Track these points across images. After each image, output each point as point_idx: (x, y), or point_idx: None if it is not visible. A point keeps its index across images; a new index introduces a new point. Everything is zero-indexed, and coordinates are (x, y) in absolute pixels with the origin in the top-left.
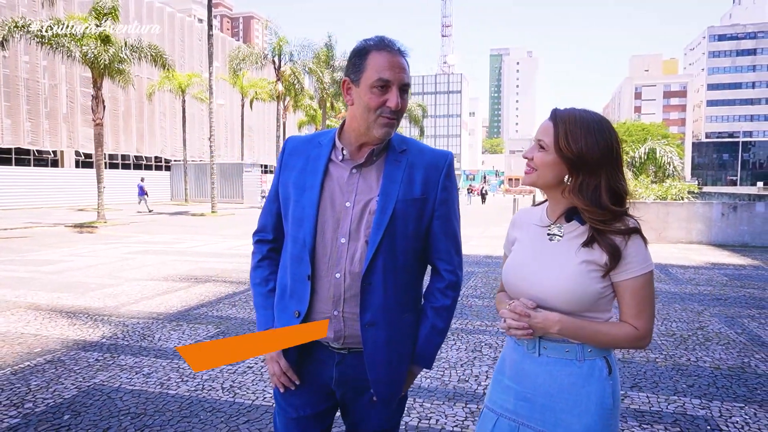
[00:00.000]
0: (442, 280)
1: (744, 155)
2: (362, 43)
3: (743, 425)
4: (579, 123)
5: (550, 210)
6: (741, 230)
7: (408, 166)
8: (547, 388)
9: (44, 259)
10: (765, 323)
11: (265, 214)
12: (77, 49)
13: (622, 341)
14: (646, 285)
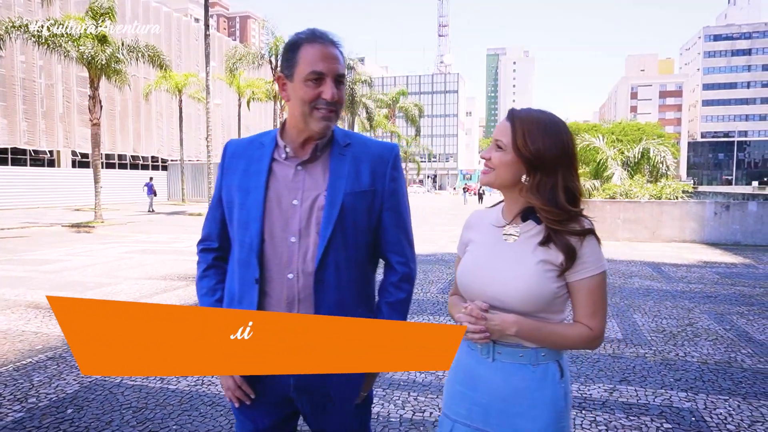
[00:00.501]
0: (396, 273)
1: (739, 155)
2: (294, 36)
3: (726, 416)
4: (536, 123)
5: (506, 210)
6: (733, 229)
7: (353, 159)
8: (502, 393)
9: (42, 258)
10: (753, 320)
11: (208, 221)
12: (74, 49)
13: (577, 341)
14: (600, 285)
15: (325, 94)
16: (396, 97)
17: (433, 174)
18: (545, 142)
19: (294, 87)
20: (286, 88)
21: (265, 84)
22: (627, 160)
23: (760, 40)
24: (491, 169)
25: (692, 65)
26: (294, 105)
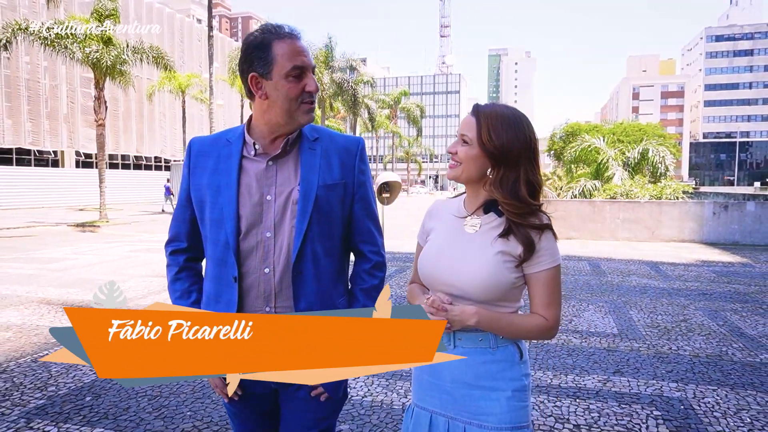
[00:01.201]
0: (368, 261)
1: (741, 155)
2: (258, 35)
3: (714, 405)
4: (500, 118)
5: (468, 202)
6: (732, 229)
7: (323, 153)
8: (464, 378)
9: (49, 257)
10: (746, 316)
11: (176, 221)
12: (80, 50)
13: (534, 331)
14: (554, 277)
15: (309, 87)
16: (398, 98)
17: (435, 174)
18: (509, 137)
19: (274, 84)
20: (263, 87)
21: None
22: (627, 160)
23: (762, 40)
24: (458, 164)
25: (694, 66)
26: (275, 102)
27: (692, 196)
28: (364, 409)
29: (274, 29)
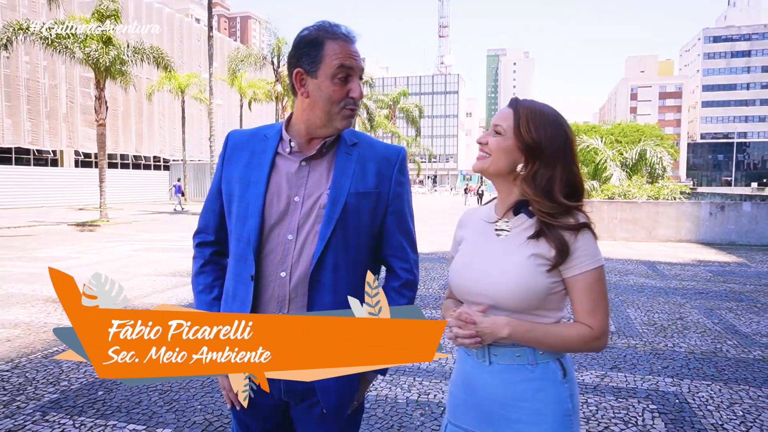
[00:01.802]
0: (398, 279)
1: (738, 156)
2: (312, 31)
3: (708, 399)
4: (540, 113)
5: (499, 205)
6: (728, 229)
7: (360, 159)
8: (501, 398)
9: (52, 255)
10: (741, 314)
11: (205, 213)
12: (80, 50)
13: (576, 341)
14: (597, 280)
15: (353, 92)
16: (397, 98)
17: (434, 174)
18: (547, 132)
19: (318, 84)
20: (306, 84)
21: (266, 84)
22: (625, 161)
23: (760, 41)
24: (487, 155)
25: (692, 66)
26: (316, 102)
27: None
28: (369, 403)
29: (330, 28)
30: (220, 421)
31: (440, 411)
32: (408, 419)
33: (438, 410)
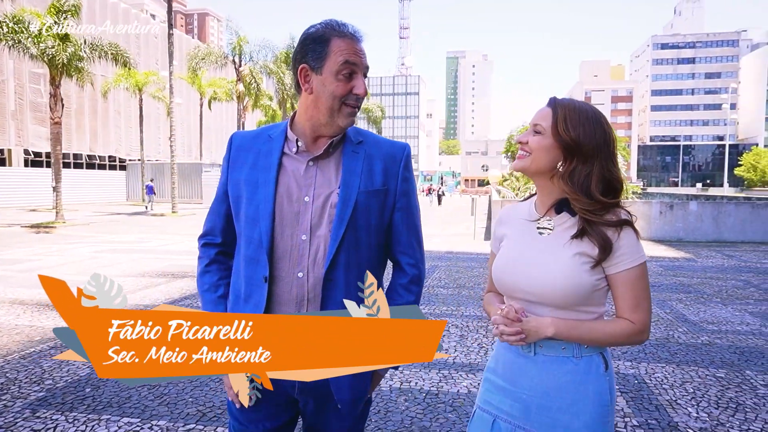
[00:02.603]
0: (405, 275)
1: (685, 158)
2: (319, 28)
3: (663, 379)
4: (578, 111)
5: (539, 203)
6: (677, 227)
7: (366, 158)
8: (544, 388)
9: (9, 258)
10: (690, 305)
11: (212, 215)
12: (35, 46)
13: (620, 337)
14: (640, 277)
15: (357, 89)
16: None
17: None
18: (585, 129)
19: (323, 80)
20: (311, 80)
21: (227, 84)
22: None
23: (703, 49)
24: (527, 154)
25: (642, 72)
26: (319, 99)
27: (641, 197)
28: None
29: (337, 26)
30: (213, 412)
31: (422, 397)
32: (393, 404)
33: (420, 396)
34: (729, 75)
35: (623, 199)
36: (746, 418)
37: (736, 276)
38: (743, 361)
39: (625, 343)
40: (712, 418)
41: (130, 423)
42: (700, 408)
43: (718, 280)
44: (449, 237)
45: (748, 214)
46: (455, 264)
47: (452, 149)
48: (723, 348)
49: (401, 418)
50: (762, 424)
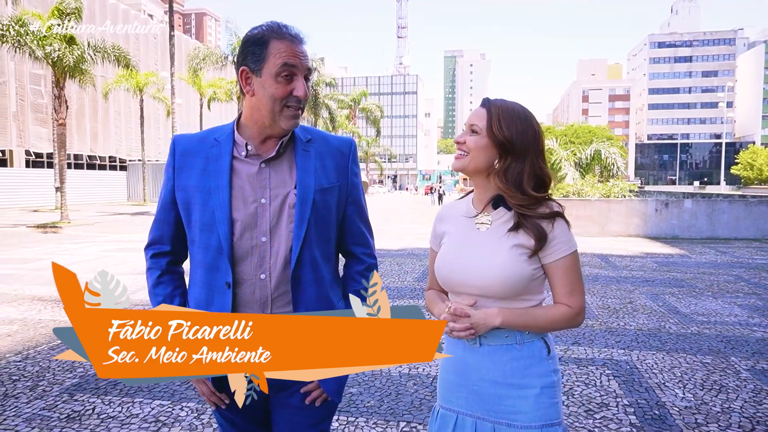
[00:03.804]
0: (362, 263)
1: (682, 156)
2: (259, 30)
3: (653, 364)
4: (510, 110)
5: (477, 200)
6: (672, 224)
7: (318, 155)
8: (492, 377)
9: (20, 257)
10: (682, 298)
11: (158, 224)
12: (40, 49)
13: (560, 321)
14: (573, 264)
15: (297, 91)
16: (357, 98)
17: (394, 174)
18: (518, 128)
19: (262, 82)
20: (251, 83)
21: (226, 84)
22: (579, 161)
23: (700, 48)
24: (465, 153)
25: (639, 70)
26: (261, 101)
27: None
28: (366, 376)
29: (278, 28)
30: None
31: (429, 381)
32: (403, 388)
33: (428, 380)
34: (726, 73)
35: (623, 197)
36: (728, 398)
37: (728, 271)
38: (729, 349)
39: (565, 326)
40: (696, 398)
41: (161, 405)
42: (686, 389)
43: (711, 275)
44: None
45: (742, 211)
46: None
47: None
48: (711, 337)
49: (411, 399)
50: (742, 403)
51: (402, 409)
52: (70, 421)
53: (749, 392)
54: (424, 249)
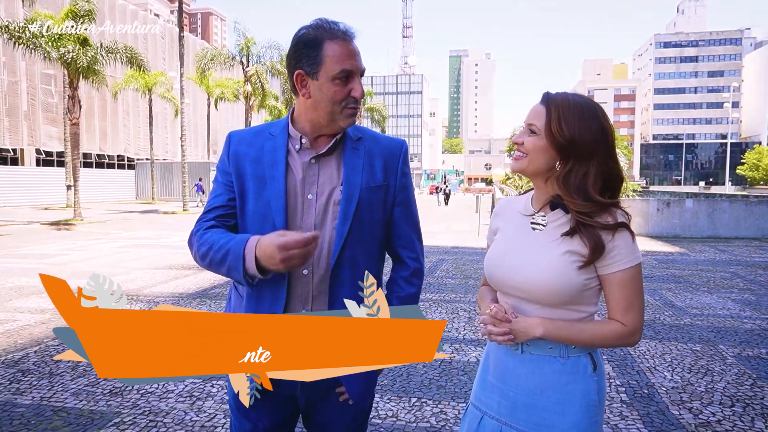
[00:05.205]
0: (407, 268)
1: (688, 156)
2: (311, 31)
3: (645, 351)
4: (572, 107)
5: (536, 198)
6: (673, 223)
7: (366, 154)
8: (530, 386)
9: (40, 253)
10: (678, 293)
11: (214, 202)
12: (55, 50)
13: (610, 339)
14: (633, 279)
15: (355, 92)
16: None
17: None
18: (581, 127)
19: (320, 85)
20: (308, 86)
21: (234, 84)
22: None
23: (706, 47)
24: (524, 155)
25: (644, 70)
26: (318, 103)
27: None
28: None
29: (328, 27)
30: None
31: (438, 364)
32: (414, 369)
33: (435, 364)
34: (732, 73)
35: (626, 197)
36: (713, 380)
37: (726, 268)
38: (718, 338)
39: (615, 345)
40: (684, 380)
41: (194, 382)
42: (675, 373)
43: (708, 272)
44: (455, 234)
45: (742, 210)
46: (461, 258)
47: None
48: (702, 328)
49: (421, 379)
50: (725, 384)
51: (413, 387)
52: (114, 396)
53: (733, 375)
54: (431, 246)
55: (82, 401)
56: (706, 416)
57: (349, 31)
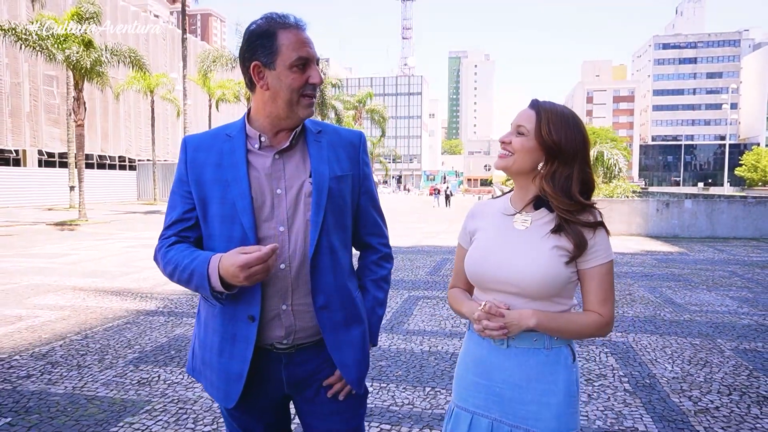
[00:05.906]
0: (377, 252)
1: (687, 157)
2: (263, 23)
3: (647, 345)
4: (560, 115)
5: (516, 199)
6: (672, 224)
7: (329, 146)
8: (516, 380)
9: (49, 252)
10: (678, 291)
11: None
12: (60, 52)
13: (589, 328)
14: (608, 273)
15: (313, 78)
16: (363, 99)
17: (398, 175)
18: (567, 134)
19: (277, 74)
20: (265, 77)
21: (234, 85)
22: None
23: (705, 49)
24: (510, 154)
25: (643, 72)
26: (277, 93)
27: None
28: (392, 353)
29: (280, 18)
30: None
31: (448, 356)
32: (426, 362)
33: (446, 356)
34: (730, 75)
35: (625, 198)
36: (711, 371)
37: (724, 267)
38: (717, 333)
39: (592, 335)
40: (684, 371)
41: None
42: (675, 364)
43: (707, 271)
44: (456, 234)
45: (741, 211)
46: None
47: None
48: (701, 323)
49: (433, 370)
50: (723, 375)
51: (426, 377)
52: (142, 385)
53: (730, 367)
54: (434, 246)
55: (113, 390)
56: (705, 404)
57: (301, 21)
